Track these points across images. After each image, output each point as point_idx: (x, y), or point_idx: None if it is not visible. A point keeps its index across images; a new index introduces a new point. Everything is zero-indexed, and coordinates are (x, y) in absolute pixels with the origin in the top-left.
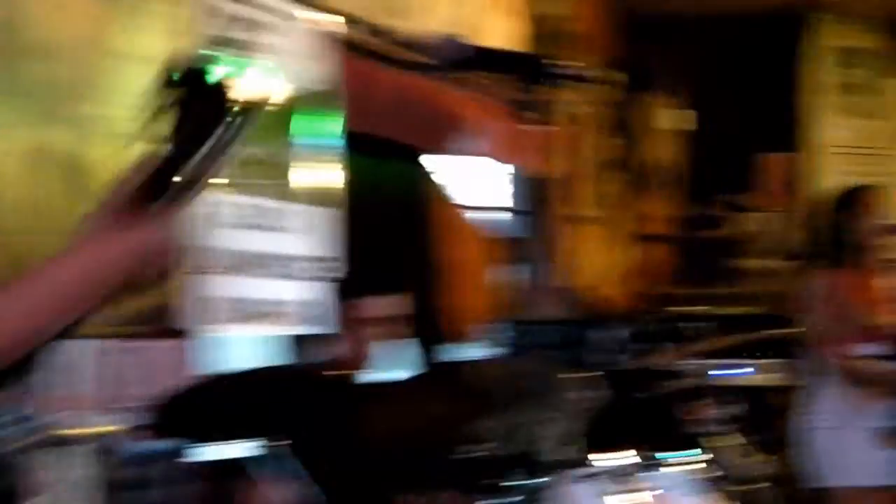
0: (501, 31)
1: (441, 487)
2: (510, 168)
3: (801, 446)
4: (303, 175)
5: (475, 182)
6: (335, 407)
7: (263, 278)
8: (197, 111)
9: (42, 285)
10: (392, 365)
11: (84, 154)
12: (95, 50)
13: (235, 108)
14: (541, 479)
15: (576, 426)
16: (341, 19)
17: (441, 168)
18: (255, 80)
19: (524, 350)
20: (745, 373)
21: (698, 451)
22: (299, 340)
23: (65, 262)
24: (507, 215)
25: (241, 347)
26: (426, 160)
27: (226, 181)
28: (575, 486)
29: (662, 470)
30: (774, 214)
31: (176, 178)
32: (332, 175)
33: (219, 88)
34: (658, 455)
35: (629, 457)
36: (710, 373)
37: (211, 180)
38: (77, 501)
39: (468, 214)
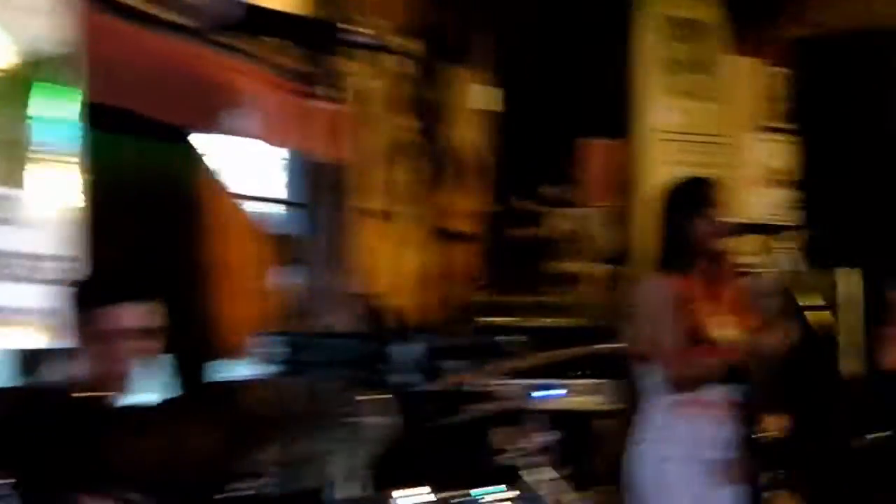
0: None
1: None
2: (288, 152)
3: (625, 481)
4: (35, 157)
5: (248, 168)
6: (75, 437)
7: None
8: None
9: None
10: (146, 386)
11: None
12: None
13: None
14: None
15: (366, 458)
16: None
17: (209, 151)
18: None
19: (306, 368)
20: (560, 395)
21: (506, 486)
22: (30, 356)
23: None
24: (285, 208)
25: None
26: (192, 140)
27: None
28: None
29: None
30: (596, 211)
31: None
32: (73, 157)
33: None
34: (461, 491)
35: (427, 493)
36: (520, 395)
37: None
38: None
39: (241, 206)
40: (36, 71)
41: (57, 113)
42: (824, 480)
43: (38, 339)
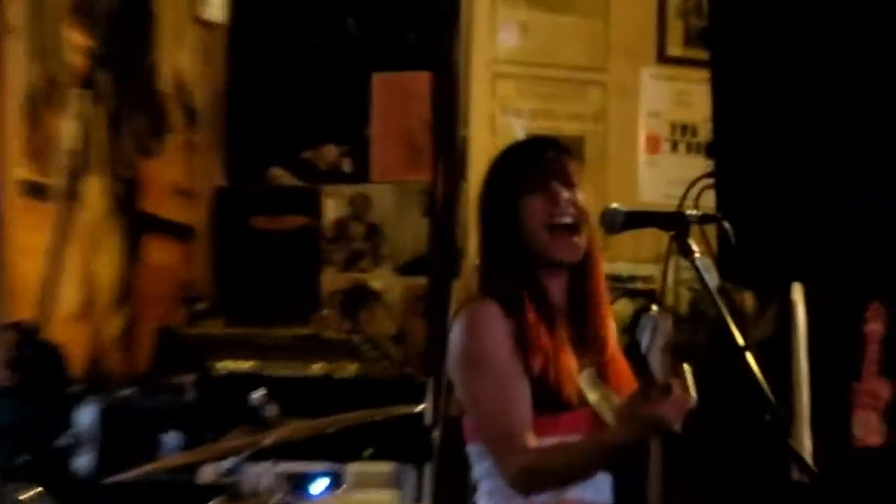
0: None
1: None
2: None
3: None
4: None
5: None
6: None
7: None
8: None
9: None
10: None
11: None
12: None
13: None
14: None
15: None
16: None
17: None
18: None
19: None
20: (332, 489)
21: None
22: None
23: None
24: None
25: None
26: None
27: None
28: None
29: None
30: (397, 188)
31: None
32: None
33: None
34: None
35: None
36: (273, 489)
37: None
38: None
39: None
40: None
41: None
42: None
43: None
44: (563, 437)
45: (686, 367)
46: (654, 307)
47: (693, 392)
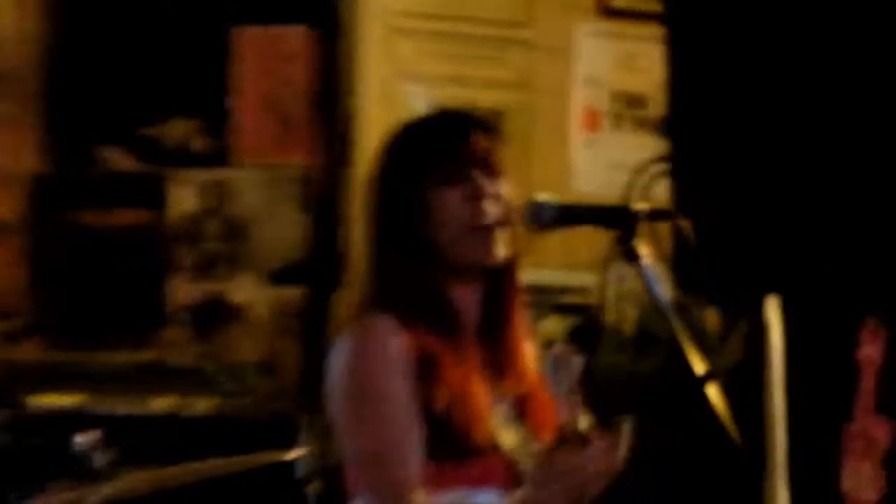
0: None
1: None
2: None
3: None
4: None
5: None
6: None
7: None
8: None
9: None
10: None
11: None
12: None
13: None
14: None
15: None
16: None
17: None
18: None
19: None
20: None
21: None
22: None
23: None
24: None
25: None
26: None
27: None
28: None
29: None
30: (257, 174)
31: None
32: None
33: None
34: None
35: None
36: None
37: None
38: None
39: None
40: None
41: None
42: None
43: None
44: (470, 489)
45: (622, 419)
46: (560, 343)
47: (624, 446)
